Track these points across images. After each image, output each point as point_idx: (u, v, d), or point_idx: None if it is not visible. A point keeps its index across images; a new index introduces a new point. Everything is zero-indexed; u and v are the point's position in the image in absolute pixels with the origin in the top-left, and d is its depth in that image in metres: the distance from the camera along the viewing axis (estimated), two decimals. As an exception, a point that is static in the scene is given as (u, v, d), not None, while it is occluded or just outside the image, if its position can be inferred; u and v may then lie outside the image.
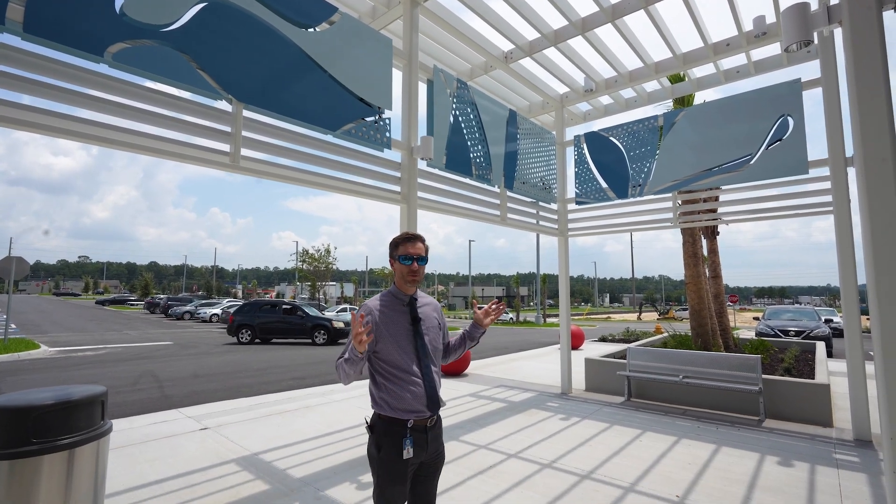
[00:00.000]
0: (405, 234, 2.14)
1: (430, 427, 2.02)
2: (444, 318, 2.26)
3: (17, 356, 11.68)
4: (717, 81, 6.76)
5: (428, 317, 2.12)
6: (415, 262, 2.05)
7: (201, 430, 5.09)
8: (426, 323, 2.10)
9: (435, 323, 2.15)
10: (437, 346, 2.13)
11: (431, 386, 2.00)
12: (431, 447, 2.03)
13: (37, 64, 2.67)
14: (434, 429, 2.05)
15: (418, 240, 2.11)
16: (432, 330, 2.11)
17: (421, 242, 2.11)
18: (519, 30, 5.94)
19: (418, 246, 2.08)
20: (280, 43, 3.71)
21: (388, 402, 1.98)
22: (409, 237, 2.11)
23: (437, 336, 2.14)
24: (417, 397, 1.97)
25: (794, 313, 15.47)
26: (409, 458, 1.94)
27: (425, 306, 2.15)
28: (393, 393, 1.97)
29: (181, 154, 3.25)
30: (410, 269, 2.05)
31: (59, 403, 2.40)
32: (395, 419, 1.97)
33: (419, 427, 1.98)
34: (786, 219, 5.85)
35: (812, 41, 3.39)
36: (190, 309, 31.59)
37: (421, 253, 2.08)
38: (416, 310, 2.09)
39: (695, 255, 8.89)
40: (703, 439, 4.80)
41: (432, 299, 2.24)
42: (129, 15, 2.91)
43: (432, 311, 2.17)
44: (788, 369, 6.90)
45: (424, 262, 2.11)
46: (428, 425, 2.01)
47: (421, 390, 1.97)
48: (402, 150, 4.71)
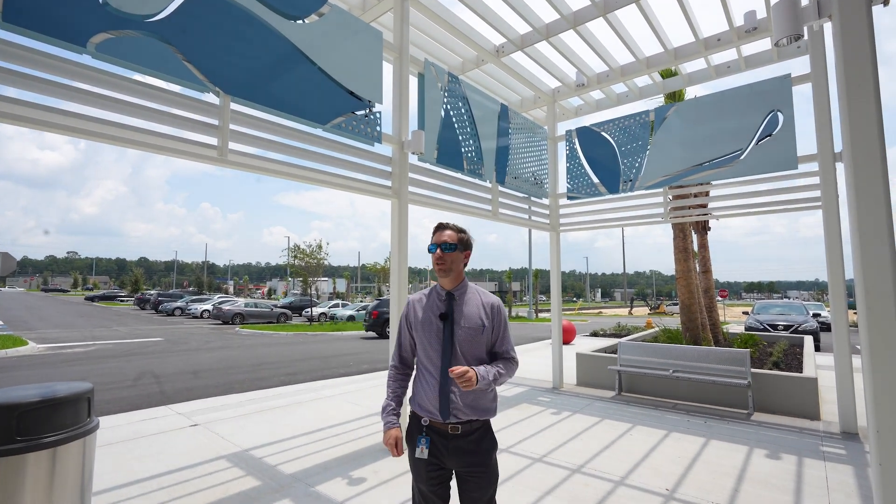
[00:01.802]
0: (437, 224, 2.05)
1: (453, 434, 1.85)
2: (497, 320, 1.94)
3: (5, 353, 11.51)
4: (707, 77, 6.78)
5: (469, 315, 1.91)
6: (438, 249, 1.94)
7: (192, 427, 5.05)
8: (464, 321, 1.90)
9: (476, 323, 1.90)
10: (472, 348, 1.89)
11: (446, 389, 1.84)
12: (459, 458, 1.85)
13: (17, 54, 2.60)
14: (461, 439, 1.85)
15: (445, 228, 1.99)
16: (470, 330, 1.89)
17: (449, 230, 1.98)
18: (510, 23, 5.91)
19: (444, 234, 1.96)
20: (268, 34, 3.65)
21: (411, 394, 1.99)
22: (437, 226, 2.02)
23: (476, 337, 1.89)
24: (430, 398, 1.88)
25: (782, 308, 15.68)
26: (423, 458, 1.86)
27: (469, 303, 1.94)
28: (415, 386, 1.98)
29: (168, 147, 3.20)
30: (434, 258, 1.95)
31: (45, 401, 2.36)
32: (414, 414, 1.96)
33: (438, 430, 1.87)
34: (775, 214, 5.90)
35: (802, 36, 3.40)
36: (181, 305, 31.34)
37: (445, 240, 1.94)
38: (453, 305, 1.94)
39: (685, 251, 8.96)
40: (692, 433, 4.86)
41: (487, 297, 1.98)
42: (113, 5, 2.85)
43: (477, 310, 1.93)
44: (777, 363, 7.00)
45: (450, 250, 1.94)
46: (450, 431, 1.85)
47: (434, 392, 1.87)
48: (392, 144, 4.67)
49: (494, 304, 1.97)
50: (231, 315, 24.18)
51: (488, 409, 1.91)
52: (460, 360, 1.87)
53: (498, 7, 5.59)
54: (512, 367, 1.94)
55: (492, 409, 1.93)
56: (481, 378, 1.78)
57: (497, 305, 1.97)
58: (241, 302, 28.04)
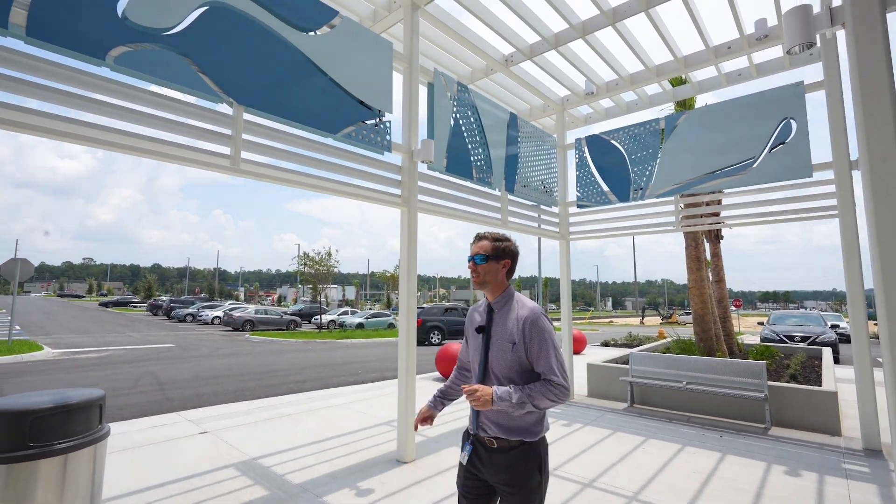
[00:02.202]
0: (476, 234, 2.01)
1: (490, 447, 1.81)
2: (530, 337, 1.76)
3: (21, 358, 11.71)
4: (718, 84, 6.73)
5: (502, 330, 1.83)
6: (471, 260, 1.92)
7: (201, 434, 5.06)
8: (497, 336, 1.83)
9: (507, 338, 1.80)
10: (501, 365, 1.81)
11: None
12: (495, 473, 1.80)
13: (40, 67, 2.67)
14: (499, 454, 1.79)
15: (480, 238, 1.94)
16: (501, 346, 1.81)
17: (485, 240, 1.92)
18: (519, 33, 5.94)
19: (479, 244, 1.92)
20: (281, 46, 3.71)
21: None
22: (475, 238, 1.97)
23: (505, 354, 1.79)
24: (470, 408, 1.87)
25: (799, 318, 15.36)
26: (463, 464, 1.89)
27: (506, 317, 1.84)
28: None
29: (182, 157, 3.25)
30: (469, 268, 1.92)
31: (57, 407, 2.38)
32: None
33: (480, 441, 1.85)
34: (789, 222, 5.80)
35: (814, 43, 3.37)
36: (192, 311, 31.66)
37: (478, 251, 1.90)
38: (492, 318, 1.89)
39: (698, 259, 8.84)
40: (707, 447, 4.75)
41: (523, 309, 1.82)
42: (131, 19, 2.92)
43: (511, 325, 1.80)
44: (794, 376, 6.83)
45: (482, 261, 1.88)
46: (488, 444, 1.81)
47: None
48: (402, 153, 4.70)
49: (527, 318, 1.78)
50: (241, 322, 24.36)
51: (521, 430, 1.78)
52: (490, 377, 1.83)
53: (507, 17, 5.65)
54: (551, 390, 1.69)
55: (530, 430, 1.78)
56: (499, 398, 1.69)
57: (531, 320, 1.77)
58: (251, 309, 28.23)
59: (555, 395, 1.69)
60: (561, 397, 1.71)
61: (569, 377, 1.73)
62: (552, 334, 1.78)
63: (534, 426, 1.79)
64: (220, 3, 3.36)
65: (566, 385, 1.71)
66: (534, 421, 1.80)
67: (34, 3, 2.57)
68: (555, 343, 1.77)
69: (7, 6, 2.50)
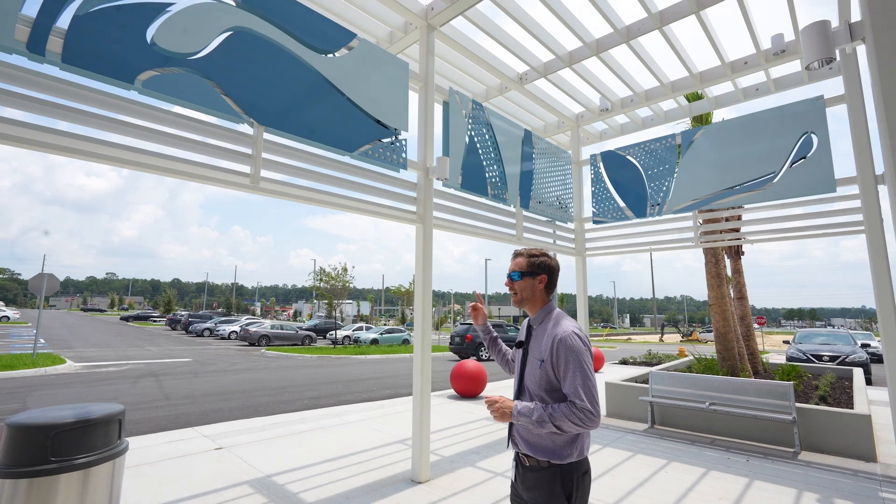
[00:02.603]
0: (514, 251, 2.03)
1: (523, 464, 1.81)
2: (557, 357, 1.71)
3: (45, 371, 11.98)
4: (735, 99, 6.68)
5: (536, 347, 1.83)
6: (508, 278, 1.95)
7: (216, 450, 5.07)
8: (532, 353, 1.84)
9: (538, 356, 1.79)
10: (532, 382, 1.79)
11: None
12: (527, 491, 1.79)
13: (73, 92, 2.79)
14: (529, 472, 1.78)
15: (517, 255, 1.96)
16: (533, 361, 1.81)
17: (521, 257, 1.94)
18: (533, 52, 6.01)
19: (515, 261, 1.95)
20: (300, 68, 3.82)
21: None
22: (512, 255, 2.00)
23: (535, 370, 1.79)
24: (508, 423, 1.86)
25: (827, 337, 14.80)
26: (512, 481, 1.91)
27: (542, 334, 1.83)
28: None
29: (204, 176, 3.34)
30: (507, 287, 1.97)
31: (79, 422, 2.42)
32: None
33: (519, 457, 1.85)
34: (814, 238, 5.65)
35: (834, 58, 3.33)
36: (210, 326, 32.10)
37: (514, 268, 1.93)
38: (530, 334, 1.90)
39: (718, 276, 8.64)
40: (733, 472, 4.56)
41: (556, 327, 1.78)
42: (159, 44, 3.04)
43: (543, 345, 1.78)
44: (824, 397, 6.57)
45: (517, 278, 1.90)
46: (522, 461, 1.82)
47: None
48: (418, 170, 4.75)
49: (556, 336, 1.73)
50: (257, 337, 24.58)
51: (548, 451, 1.73)
52: (524, 392, 1.84)
53: (521, 36, 5.71)
54: (574, 413, 1.61)
55: (558, 452, 1.72)
56: (518, 413, 1.68)
57: (560, 339, 1.72)
58: (267, 324, 28.51)
59: (578, 418, 1.61)
60: (586, 422, 1.61)
61: (597, 401, 1.65)
62: (583, 355, 1.69)
63: (562, 448, 1.72)
64: (243, 29, 3.48)
65: (591, 409, 1.61)
66: (563, 443, 1.73)
67: (70, 32, 2.70)
68: (584, 365, 1.68)
69: (45, 35, 2.63)
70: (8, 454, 2.27)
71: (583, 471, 1.75)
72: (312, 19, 3.96)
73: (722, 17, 9.15)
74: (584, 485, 1.75)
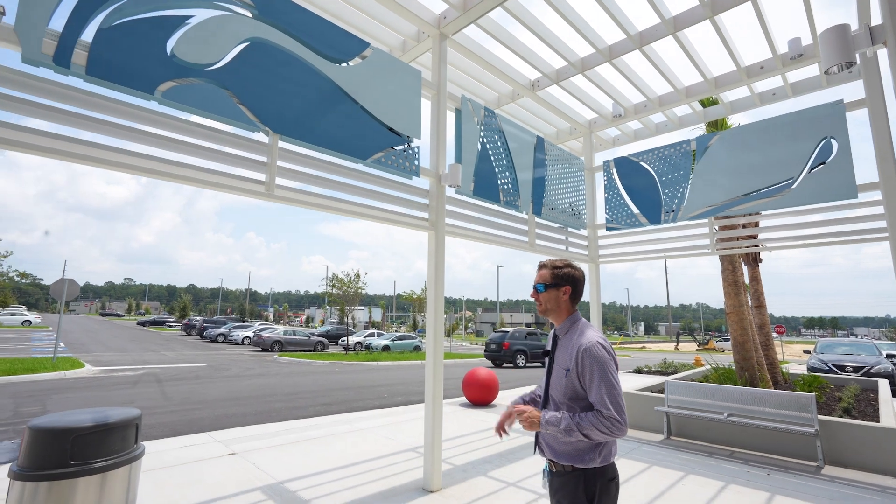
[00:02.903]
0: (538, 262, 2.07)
1: (551, 470, 1.86)
2: (582, 366, 1.75)
3: (64, 374, 12.23)
4: (751, 104, 6.59)
5: (562, 357, 1.87)
6: (533, 290, 2.00)
7: (229, 456, 5.11)
8: (558, 362, 1.88)
9: (563, 366, 1.84)
10: (557, 391, 1.84)
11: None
12: (552, 495, 1.85)
13: (96, 103, 2.87)
14: (556, 477, 1.83)
15: (542, 268, 2.00)
16: (559, 371, 1.85)
17: (545, 269, 1.98)
18: (546, 59, 6.01)
19: (539, 273, 2.00)
20: (315, 77, 3.88)
21: None
22: (537, 267, 2.03)
23: (560, 381, 1.83)
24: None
25: (849, 347, 14.38)
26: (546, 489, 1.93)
27: (567, 344, 1.87)
28: None
29: (221, 184, 3.40)
30: (533, 298, 2.01)
31: (97, 426, 2.46)
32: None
33: (549, 463, 1.88)
34: (834, 245, 5.51)
35: (854, 63, 3.27)
36: (224, 331, 32.46)
37: (539, 280, 1.97)
38: (557, 344, 1.94)
39: (735, 284, 8.48)
40: (754, 486, 4.44)
41: (581, 337, 1.82)
42: (179, 56, 3.12)
43: (568, 354, 1.83)
44: (848, 409, 6.37)
45: (542, 290, 1.95)
46: (550, 467, 1.87)
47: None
48: (430, 177, 4.77)
49: (581, 346, 1.77)
50: (270, 342, 24.78)
51: (571, 455, 1.77)
52: (550, 401, 1.89)
53: (533, 43, 5.74)
54: (601, 422, 1.65)
55: (580, 457, 1.76)
56: (546, 422, 1.74)
57: (584, 348, 1.75)
58: (280, 329, 28.74)
59: (606, 427, 1.65)
60: (613, 430, 1.65)
61: (624, 410, 1.69)
62: (608, 364, 1.72)
63: (585, 453, 1.77)
64: (259, 39, 3.55)
65: (618, 418, 1.65)
66: (585, 448, 1.77)
67: (94, 45, 2.78)
68: (609, 374, 1.71)
69: (70, 49, 2.72)
70: (29, 457, 2.31)
71: (608, 477, 1.78)
72: (327, 29, 4.03)
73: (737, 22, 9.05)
74: (609, 491, 1.77)
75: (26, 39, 2.57)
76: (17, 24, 2.55)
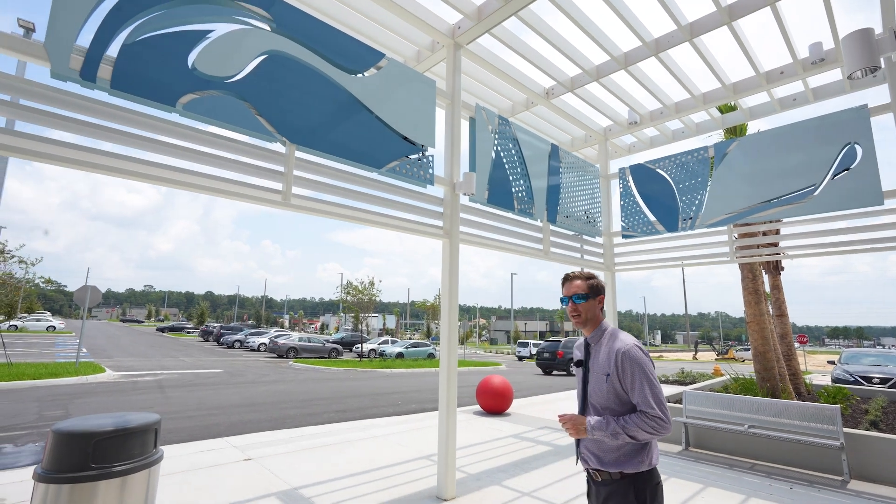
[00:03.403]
0: (564, 275, 2.07)
1: (595, 480, 1.87)
2: (623, 368, 1.79)
3: (86, 379, 12.51)
4: (771, 110, 6.47)
5: (598, 363, 1.89)
6: (570, 301, 1.99)
7: (245, 461, 5.15)
8: (595, 369, 1.90)
9: (602, 371, 1.85)
10: (598, 397, 1.85)
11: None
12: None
13: (119, 115, 2.97)
14: (602, 487, 1.83)
15: (574, 278, 2.01)
16: (598, 378, 1.87)
17: (579, 280, 2.00)
18: (560, 66, 6.01)
19: (573, 284, 2.00)
20: (331, 88, 3.94)
21: None
22: (564, 279, 2.05)
23: (600, 385, 1.85)
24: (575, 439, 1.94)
25: (876, 357, 13.87)
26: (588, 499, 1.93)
27: (602, 351, 1.90)
28: None
29: (238, 193, 3.46)
30: (568, 311, 2.02)
31: (118, 430, 2.50)
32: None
33: (590, 473, 1.90)
34: (860, 253, 5.36)
35: (879, 67, 3.19)
36: (240, 338, 32.86)
37: (574, 291, 1.98)
38: (589, 352, 1.97)
39: (756, 292, 8.28)
40: (776, 499, 4.30)
41: (617, 342, 1.86)
42: (199, 69, 3.20)
43: (605, 359, 1.86)
44: (875, 422, 6.14)
45: (583, 300, 1.96)
46: (593, 477, 1.88)
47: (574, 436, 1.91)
48: (444, 185, 4.79)
49: (620, 350, 1.81)
50: (286, 349, 25.00)
51: (618, 461, 1.78)
52: (589, 408, 1.90)
53: (547, 52, 5.73)
54: (646, 422, 1.69)
55: (629, 461, 1.77)
56: (592, 427, 1.76)
57: (623, 352, 1.80)
58: (295, 336, 28.99)
59: (651, 426, 1.69)
60: (658, 429, 1.69)
61: (667, 408, 1.73)
62: (647, 366, 1.77)
63: (633, 457, 1.77)
64: (277, 52, 3.63)
65: (663, 417, 1.69)
66: (632, 451, 1.78)
67: (119, 60, 2.88)
68: (650, 375, 1.76)
69: (96, 63, 2.81)
70: (52, 460, 2.37)
71: (655, 481, 1.79)
72: (343, 41, 4.10)
73: (755, 27, 8.95)
74: (658, 496, 1.78)
75: (55, 55, 2.67)
76: (46, 40, 2.65)
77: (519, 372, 21.87)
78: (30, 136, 2.73)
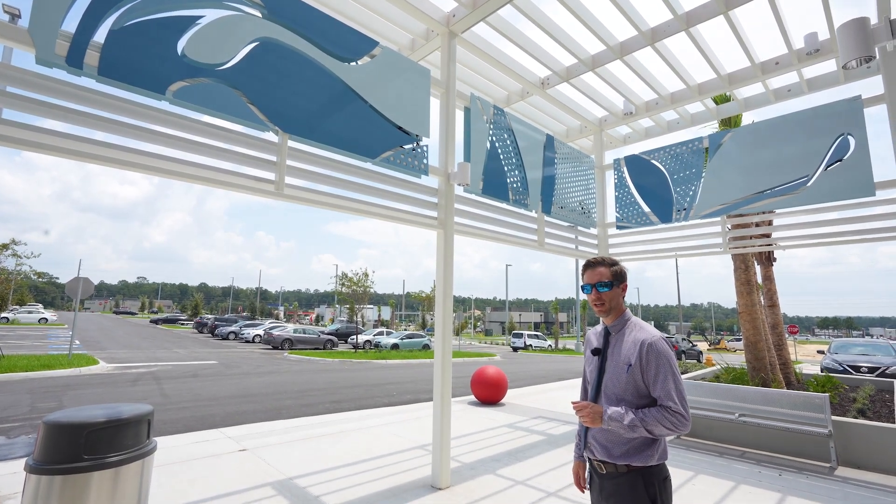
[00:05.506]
0: (586, 261, 1.97)
1: (600, 472, 1.81)
2: (647, 360, 1.72)
3: (79, 371, 12.45)
4: (766, 101, 6.47)
5: (618, 353, 1.82)
6: (593, 289, 1.89)
7: (240, 452, 5.16)
8: (613, 359, 1.83)
9: (623, 361, 1.78)
10: (615, 387, 1.79)
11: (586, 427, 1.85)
12: (604, 500, 1.79)
13: (108, 103, 2.91)
14: (607, 480, 1.77)
15: (597, 265, 1.90)
16: (616, 368, 1.80)
17: (602, 266, 1.89)
18: (555, 56, 5.96)
19: (597, 271, 1.89)
20: (324, 76, 3.89)
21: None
22: (586, 265, 1.95)
23: (619, 376, 1.78)
24: (580, 433, 1.89)
25: (865, 347, 14.10)
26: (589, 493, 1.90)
27: (624, 340, 1.83)
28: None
29: (231, 183, 3.42)
30: (591, 299, 1.92)
31: (110, 421, 2.49)
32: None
33: (594, 465, 1.85)
34: (850, 244, 5.41)
35: (874, 57, 3.19)
36: (234, 329, 32.76)
37: (598, 279, 1.87)
38: (608, 341, 1.89)
39: (748, 283, 8.35)
40: (765, 486, 4.38)
41: (641, 333, 1.80)
42: (189, 56, 3.14)
43: (629, 349, 1.78)
44: (862, 410, 6.25)
45: (607, 288, 1.86)
46: (598, 469, 1.82)
47: (582, 427, 1.88)
48: (439, 176, 4.76)
49: (646, 341, 1.74)
50: (280, 340, 24.98)
51: (628, 454, 1.73)
52: (602, 398, 1.84)
53: (542, 41, 5.69)
54: (666, 417, 1.64)
55: (638, 454, 1.72)
56: (609, 417, 1.69)
57: (648, 343, 1.73)
58: (290, 328, 28.95)
59: (671, 422, 1.64)
60: (678, 426, 1.64)
61: (688, 405, 1.69)
62: (672, 359, 1.72)
63: (643, 450, 1.72)
64: (269, 39, 3.57)
65: (684, 413, 1.65)
66: (642, 444, 1.73)
67: (106, 46, 2.82)
68: (674, 369, 1.71)
69: (83, 49, 2.75)
70: (44, 451, 2.35)
71: (663, 476, 1.74)
72: (336, 28, 4.03)
73: (751, 17, 8.92)
74: (666, 490, 1.73)
75: (40, 41, 2.61)
76: (30, 25, 2.59)
77: (513, 362, 22.01)
78: (18, 125, 2.67)
